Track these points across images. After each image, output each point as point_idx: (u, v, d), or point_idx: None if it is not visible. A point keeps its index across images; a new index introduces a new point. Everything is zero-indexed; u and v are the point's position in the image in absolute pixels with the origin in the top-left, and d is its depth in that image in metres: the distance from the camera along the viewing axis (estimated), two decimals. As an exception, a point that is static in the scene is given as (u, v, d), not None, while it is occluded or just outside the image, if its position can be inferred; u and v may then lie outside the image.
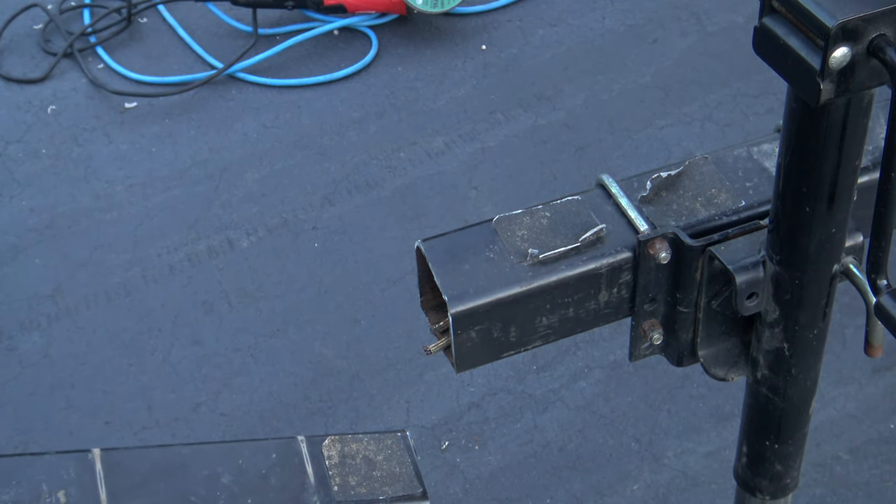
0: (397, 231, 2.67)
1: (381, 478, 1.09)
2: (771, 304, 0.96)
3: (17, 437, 2.32)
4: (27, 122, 2.96)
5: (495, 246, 0.98)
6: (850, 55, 0.75)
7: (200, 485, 1.04)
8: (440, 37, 3.15)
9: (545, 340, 1.00)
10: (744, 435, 1.09)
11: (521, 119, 2.93)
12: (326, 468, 1.09)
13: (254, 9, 3.10)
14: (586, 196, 1.02)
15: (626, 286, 0.99)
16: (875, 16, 0.74)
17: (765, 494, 1.11)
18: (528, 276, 0.96)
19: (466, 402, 2.37)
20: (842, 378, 2.38)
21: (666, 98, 2.96)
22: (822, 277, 0.94)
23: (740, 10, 3.18)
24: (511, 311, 0.97)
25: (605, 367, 2.41)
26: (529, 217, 1.00)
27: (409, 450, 1.13)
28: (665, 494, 2.22)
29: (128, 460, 1.05)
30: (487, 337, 0.98)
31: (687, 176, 1.03)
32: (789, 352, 0.99)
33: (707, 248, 0.97)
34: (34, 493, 0.99)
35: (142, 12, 3.24)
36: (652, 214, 1.00)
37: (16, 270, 2.63)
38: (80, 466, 1.02)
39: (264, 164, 2.84)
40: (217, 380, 2.41)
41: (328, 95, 3.02)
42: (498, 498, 2.23)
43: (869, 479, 2.24)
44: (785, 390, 1.02)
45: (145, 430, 2.33)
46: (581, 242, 0.97)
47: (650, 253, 0.97)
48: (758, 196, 1.02)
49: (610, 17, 3.19)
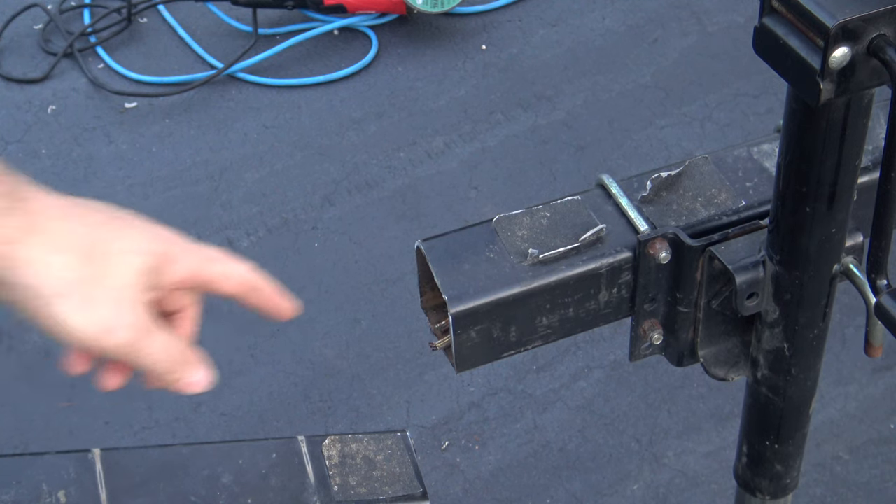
0: (397, 231, 2.67)
1: (381, 478, 1.10)
2: (771, 304, 0.96)
3: (17, 437, 2.32)
4: (27, 123, 2.96)
5: (495, 246, 0.98)
6: (850, 55, 0.75)
7: (200, 485, 1.04)
8: (440, 37, 3.15)
9: (545, 340, 1.00)
10: (744, 435, 1.09)
11: (521, 119, 2.93)
12: (326, 468, 1.09)
13: (254, 9, 3.10)
14: (586, 196, 1.02)
15: (626, 286, 0.99)
16: (875, 16, 0.74)
17: (765, 494, 1.11)
18: (528, 276, 0.96)
19: (466, 402, 2.37)
20: (842, 378, 2.38)
21: (666, 98, 2.96)
22: (822, 277, 0.94)
23: (740, 10, 3.18)
24: (511, 311, 0.97)
25: (605, 367, 2.41)
26: (529, 217, 1.00)
27: (409, 450, 1.13)
28: (665, 494, 2.22)
29: (128, 460, 1.05)
30: (487, 337, 0.98)
31: (687, 176, 1.03)
32: (789, 352, 0.99)
33: (707, 248, 0.97)
34: (34, 493, 1.00)
35: (142, 12, 3.24)
36: (652, 214, 1.00)
37: (16, 270, 2.63)
38: (80, 466, 1.02)
39: (264, 164, 2.84)
40: (217, 380, 2.41)
41: (328, 95, 3.02)
42: (498, 498, 2.23)
43: (869, 479, 2.24)
44: (785, 390, 1.02)
45: (145, 430, 2.33)
46: (581, 242, 0.97)
47: (650, 253, 0.97)
48: (758, 196, 1.01)
49: (610, 17, 3.19)
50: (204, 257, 0.84)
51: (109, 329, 0.76)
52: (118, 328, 0.76)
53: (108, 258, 0.75)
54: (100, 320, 0.75)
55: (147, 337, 0.79)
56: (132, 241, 0.78)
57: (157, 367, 0.82)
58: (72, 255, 0.73)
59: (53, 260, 0.72)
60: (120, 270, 0.76)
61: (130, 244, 0.77)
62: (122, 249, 0.76)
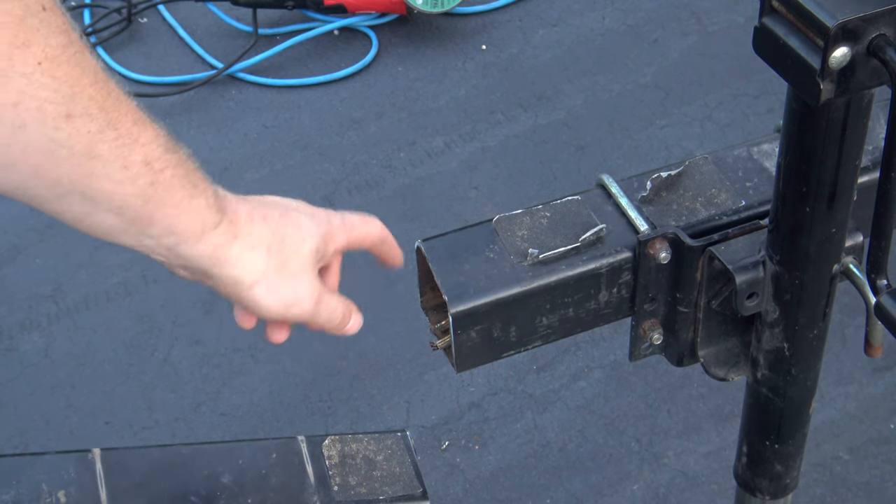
0: (397, 231, 2.65)
1: (381, 478, 1.10)
2: (771, 304, 0.96)
3: (17, 437, 2.32)
4: (27, 122, 2.96)
5: (495, 246, 0.98)
6: (850, 55, 0.75)
7: (200, 485, 1.04)
8: (440, 37, 3.16)
9: (545, 340, 1.00)
10: (744, 435, 1.09)
11: (521, 119, 2.93)
12: (326, 468, 1.09)
13: (254, 9, 3.10)
14: (586, 196, 1.02)
15: (626, 286, 0.99)
16: (875, 16, 0.74)
17: (765, 494, 1.11)
18: (528, 276, 0.96)
19: (466, 402, 2.37)
20: (842, 378, 2.38)
21: (666, 98, 2.96)
22: (822, 277, 0.94)
23: (740, 10, 3.18)
24: (511, 311, 0.97)
25: (605, 367, 2.41)
26: (529, 217, 1.00)
27: (409, 450, 1.13)
28: (665, 494, 2.22)
29: (128, 460, 1.05)
30: (487, 337, 0.98)
31: (687, 176, 1.03)
32: (789, 352, 0.99)
33: (707, 248, 0.97)
34: (34, 493, 1.00)
35: (142, 12, 3.24)
36: (652, 214, 1.00)
37: (16, 270, 2.63)
38: (80, 466, 1.02)
39: (264, 164, 2.84)
40: (217, 380, 2.41)
41: (328, 95, 3.02)
42: (498, 498, 2.23)
43: (869, 479, 2.24)
44: (785, 390, 1.02)
45: (145, 430, 2.33)
46: (581, 242, 0.97)
47: (650, 253, 0.97)
48: (758, 196, 1.02)
49: (610, 17, 3.19)
50: (350, 225, 1.05)
51: (292, 304, 0.97)
52: (298, 302, 0.98)
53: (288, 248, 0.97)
54: (284, 298, 0.97)
55: (319, 303, 1.00)
56: (303, 230, 0.99)
57: (328, 324, 1.03)
58: (262, 250, 0.94)
59: (249, 256, 0.93)
60: (297, 257, 0.97)
61: (302, 233, 0.98)
62: (297, 239, 0.98)
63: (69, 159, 0.80)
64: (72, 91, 0.78)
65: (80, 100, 0.79)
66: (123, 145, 0.83)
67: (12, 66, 0.75)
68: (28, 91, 0.76)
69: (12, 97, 0.76)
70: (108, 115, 0.81)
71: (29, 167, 0.80)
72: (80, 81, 0.79)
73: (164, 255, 0.91)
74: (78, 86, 0.79)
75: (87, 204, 0.85)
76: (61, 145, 0.79)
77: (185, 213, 0.89)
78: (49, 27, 0.77)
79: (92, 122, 0.80)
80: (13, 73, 0.75)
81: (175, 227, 0.88)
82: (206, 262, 0.92)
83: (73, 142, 0.80)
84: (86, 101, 0.79)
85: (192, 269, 0.93)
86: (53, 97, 0.77)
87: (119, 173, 0.83)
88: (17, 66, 0.75)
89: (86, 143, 0.80)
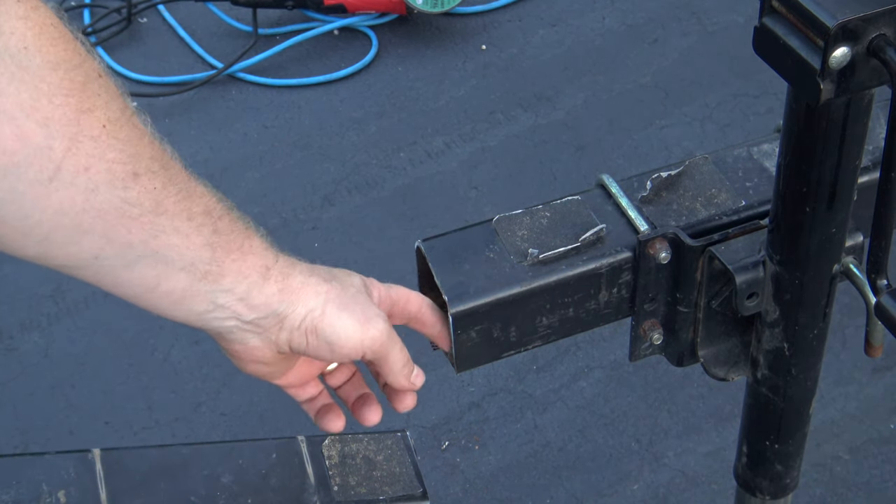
0: (397, 231, 2.67)
1: (381, 478, 1.10)
2: (771, 304, 0.96)
3: (17, 437, 2.32)
4: (27, 122, 2.96)
5: (495, 246, 0.98)
6: (850, 55, 0.75)
7: (200, 485, 1.04)
8: (440, 37, 3.15)
9: (545, 340, 1.01)
10: (744, 435, 1.09)
11: (521, 119, 2.93)
12: (326, 468, 1.09)
13: (254, 9, 3.10)
14: (586, 196, 1.02)
15: (626, 286, 0.99)
16: (875, 16, 0.74)
17: (765, 494, 1.11)
18: (528, 276, 0.96)
19: (466, 402, 2.37)
20: (842, 378, 2.38)
21: (666, 98, 2.96)
22: (822, 277, 0.94)
23: (740, 10, 3.18)
24: (511, 311, 0.97)
25: (605, 367, 2.41)
26: (529, 217, 1.00)
27: (409, 450, 1.13)
28: (665, 494, 2.22)
29: (128, 460, 1.05)
30: (487, 337, 0.98)
31: (687, 176, 1.03)
32: (789, 352, 0.99)
33: (707, 248, 0.97)
34: (34, 493, 0.99)
35: (142, 12, 3.24)
36: (652, 214, 1.00)
37: (16, 270, 2.62)
38: (80, 466, 1.02)
39: (264, 164, 2.84)
40: (217, 380, 2.41)
41: (328, 95, 3.02)
42: (498, 498, 2.23)
43: (869, 479, 2.24)
44: (785, 390, 1.02)
45: (145, 430, 2.33)
46: (581, 242, 0.97)
47: (650, 253, 0.97)
48: (758, 196, 1.02)
49: (610, 17, 3.19)
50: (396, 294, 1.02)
51: (365, 321, 0.95)
52: (371, 319, 0.95)
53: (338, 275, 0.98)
54: (357, 315, 0.95)
55: (391, 327, 0.97)
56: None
57: (401, 359, 0.99)
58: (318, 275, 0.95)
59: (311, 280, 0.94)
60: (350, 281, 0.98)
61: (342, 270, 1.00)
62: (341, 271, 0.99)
63: (139, 218, 0.82)
64: (135, 151, 0.81)
65: (143, 159, 0.82)
66: (185, 198, 0.85)
67: (81, 130, 0.78)
68: (97, 153, 0.79)
69: (83, 161, 0.78)
70: (168, 171, 0.84)
71: (102, 232, 0.82)
72: (141, 142, 0.82)
73: (238, 311, 0.91)
74: (139, 146, 0.82)
75: (159, 265, 0.87)
76: (132, 204, 0.81)
77: (248, 254, 0.90)
78: (108, 92, 0.80)
79: (156, 178, 0.82)
80: (83, 137, 0.78)
81: (243, 270, 0.89)
82: (276, 300, 0.91)
83: (142, 199, 0.82)
84: (147, 159, 0.82)
85: (263, 320, 0.92)
86: (120, 157, 0.80)
87: (185, 225, 0.85)
88: (86, 129, 0.78)
89: (153, 200, 0.83)
